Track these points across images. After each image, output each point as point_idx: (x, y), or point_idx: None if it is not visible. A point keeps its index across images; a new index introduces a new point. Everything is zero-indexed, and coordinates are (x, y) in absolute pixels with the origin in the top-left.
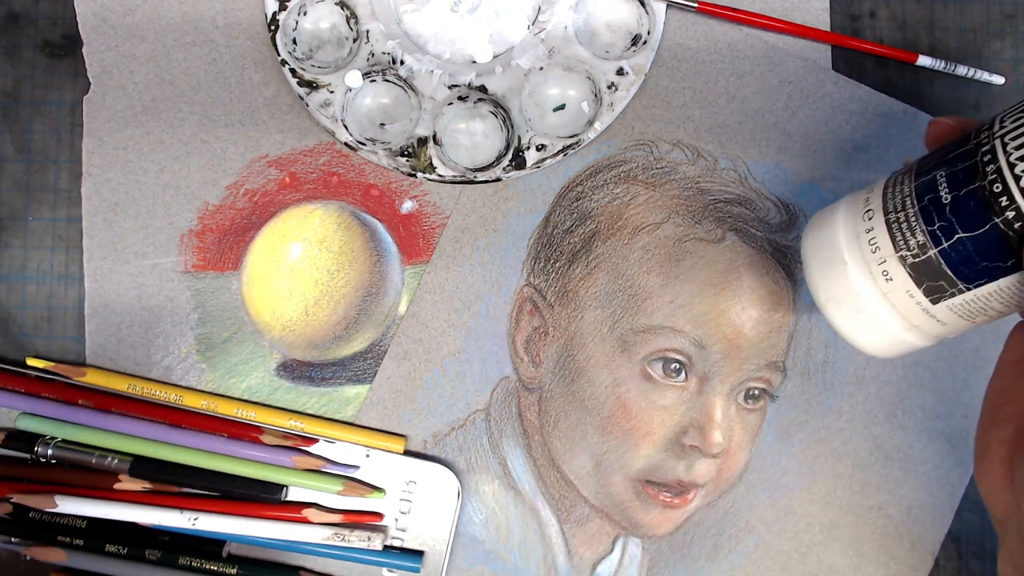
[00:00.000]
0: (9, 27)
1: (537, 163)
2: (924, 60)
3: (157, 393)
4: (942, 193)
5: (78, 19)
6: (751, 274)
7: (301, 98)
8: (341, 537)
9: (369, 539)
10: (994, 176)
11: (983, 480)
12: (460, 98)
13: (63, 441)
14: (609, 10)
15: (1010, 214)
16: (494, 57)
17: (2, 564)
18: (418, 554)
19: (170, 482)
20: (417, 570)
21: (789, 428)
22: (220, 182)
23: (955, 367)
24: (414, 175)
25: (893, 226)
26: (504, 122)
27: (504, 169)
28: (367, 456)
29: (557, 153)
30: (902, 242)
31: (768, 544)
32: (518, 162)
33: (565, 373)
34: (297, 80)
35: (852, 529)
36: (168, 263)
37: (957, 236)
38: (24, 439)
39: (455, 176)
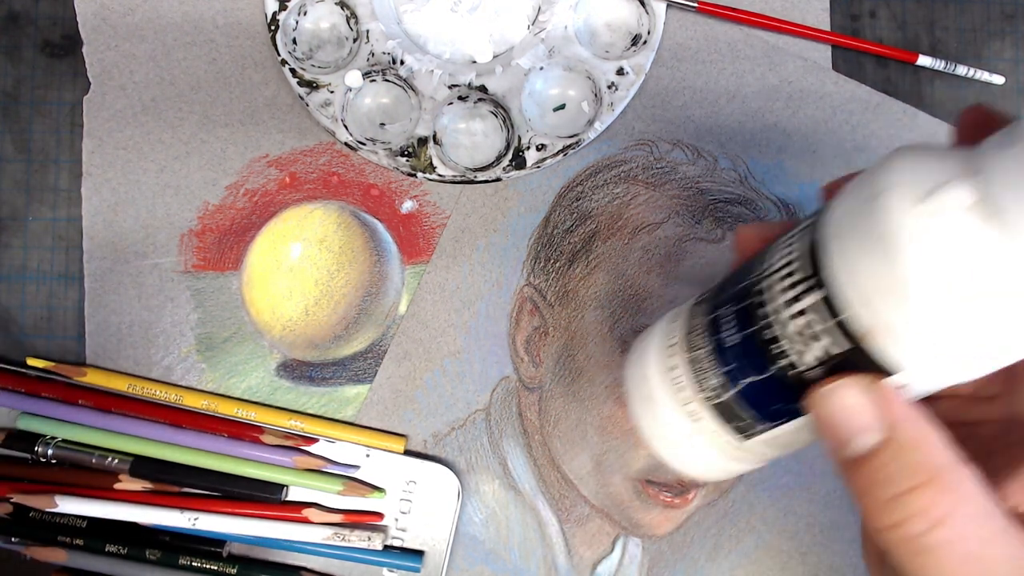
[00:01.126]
0: (9, 27)
1: (537, 163)
2: (924, 60)
3: (157, 393)
4: (728, 334)
5: (78, 19)
6: None
7: (301, 98)
8: (341, 537)
9: (369, 539)
10: (765, 322)
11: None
12: (460, 98)
13: (63, 441)
14: (609, 10)
15: (783, 362)
16: (494, 57)
17: (2, 564)
18: (418, 554)
19: (170, 482)
20: (417, 570)
21: None
22: (220, 182)
23: None
24: (414, 175)
25: (693, 364)
26: (504, 122)
27: (504, 169)
28: (367, 456)
29: (557, 153)
30: (703, 382)
31: (768, 544)
32: (518, 162)
33: (565, 373)
34: (297, 80)
35: (852, 529)
36: (168, 263)
37: (748, 380)
38: (24, 439)
39: (455, 176)
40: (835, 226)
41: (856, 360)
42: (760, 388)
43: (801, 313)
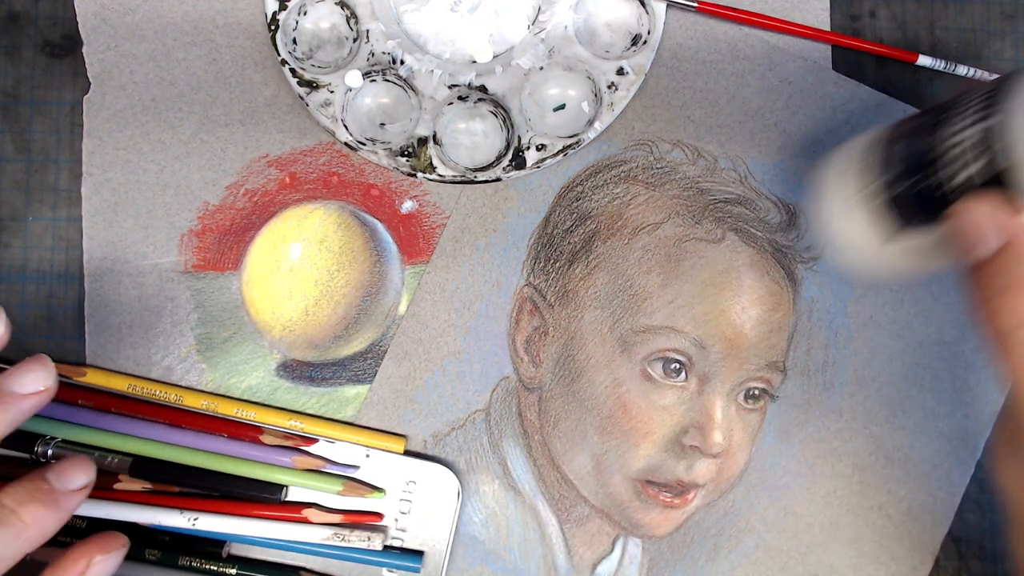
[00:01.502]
0: (9, 27)
1: (537, 163)
2: (924, 60)
3: (157, 393)
4: (901, 147)
5: (78, 19)
6: (751, 274)
7: (301, 98)
8: (341, 537)
9: (369, 539)
10: (930, 144)
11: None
12: (460, 98)
13: (63, 441)
14: (609, 10)
15: (933, 181)
16: (494, 57)
17: None
18: (418, 554)
19: (170, 482)
20: (417, 570)
21: (789, 428)
22: (220, 182)
23: (955, 367)
24: (414, 175)
25: (864, 171)
26: (504, 122)
27: (504, 169)
28: (367, 456)
29: (557, 153)
30: (866, 185)
31: (768, 544)
32: (518, 162)
33: (565, 373)
34: (297, 80)
35: (852, 529)
36: (168, 263)
37: (900, 189)
38: (24, 439)
39: (455, 176)
40: (1020, 80)
41: (995, 186)
42: (909, 199)
43: (965, 140)
